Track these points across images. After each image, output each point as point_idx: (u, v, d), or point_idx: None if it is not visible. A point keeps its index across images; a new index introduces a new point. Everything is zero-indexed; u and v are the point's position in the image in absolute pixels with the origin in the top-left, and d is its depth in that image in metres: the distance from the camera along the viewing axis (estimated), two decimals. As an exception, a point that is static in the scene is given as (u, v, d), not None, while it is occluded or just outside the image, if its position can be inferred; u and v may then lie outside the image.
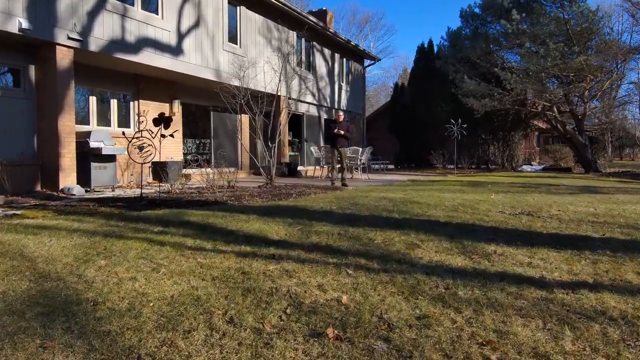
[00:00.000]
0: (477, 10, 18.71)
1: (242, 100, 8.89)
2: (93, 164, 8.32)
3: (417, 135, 21.17)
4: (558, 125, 18.41)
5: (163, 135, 5.92)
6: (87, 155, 8.28)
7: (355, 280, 2.65)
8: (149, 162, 6.47)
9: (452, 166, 20.94)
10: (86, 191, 8.11)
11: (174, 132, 6.22)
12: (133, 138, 6.52)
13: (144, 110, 7.40)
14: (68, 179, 8.02)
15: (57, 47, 7.77)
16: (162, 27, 9.84)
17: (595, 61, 15.38)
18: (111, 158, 8.71)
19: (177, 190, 8.18)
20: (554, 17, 16.68)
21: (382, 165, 19.10)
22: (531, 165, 23.20)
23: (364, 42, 45.14)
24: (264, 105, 9.27)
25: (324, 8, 20.12)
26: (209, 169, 11.06)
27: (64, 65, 7.90)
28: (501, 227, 4.49)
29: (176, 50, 10.29)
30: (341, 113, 10.49)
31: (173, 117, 11.02)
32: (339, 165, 10.54)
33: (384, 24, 75.58)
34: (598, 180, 13.19)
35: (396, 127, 22.25)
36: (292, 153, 16.31)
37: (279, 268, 2.87)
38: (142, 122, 6.50)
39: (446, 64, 18.66)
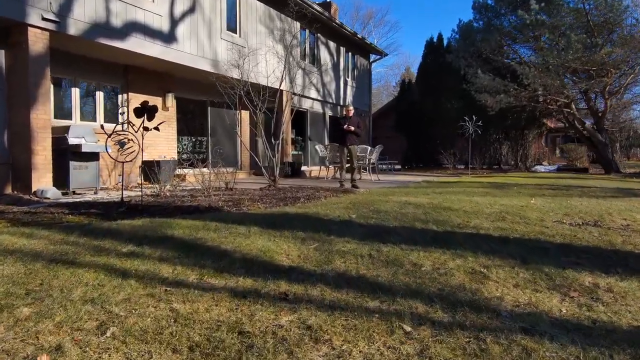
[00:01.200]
0: (490, 1, 17.69)
1: (242, 92, 7.88)
2: (72, 163, 7.29)
3: (425, 133, 20.14)
4: (576, 122, 17.39)
5: (146, 129, 4.90)
6: (65, 153, 7.26)
7: (424, 349, 1.63)
8: (131, 161, 5.46)
9: (462, 166, 19.90)
10: (63, 194, 7.10)
11: (160, 124, 5.19)
12: (112, 132, 5.50)
13: (127, 100, 6.37)
14: (42, 180, 7.00)
15: (29, 28, 6.74)
16: (152, 11, 8.82)
17: (619, 54, 14.36)
18: (94, 156, 7.68)
19: (167, 193, 7.18)
20: (573, 9, 15.68)
21: (389, 165, 18.09)
22: (542, 165, 22.17)
23: (368, 39, 44.08)
24: (266, 99, 8.28)
25: (328, 0, 19.11)
26: (204, 169, 10.06)
27: (38, 49, 6.88)
28: (575, 244, 3.47)
29: (168, 37, 9.28)
30: (351, 107, 9.47)
31: (159, 109, 10.03)
32: (347, 165, 9.53)
33: (388, 21, 74.01)
34: (624, 182, 12.19)
35: (403, 126, 21.21)
36: (295, 152, 15.27)
37: (296, 321, 1.86)
38: (124, 113, 5.49)
39: (457, 59, 17.63)
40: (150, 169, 9.24)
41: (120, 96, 9.58)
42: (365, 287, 2.32)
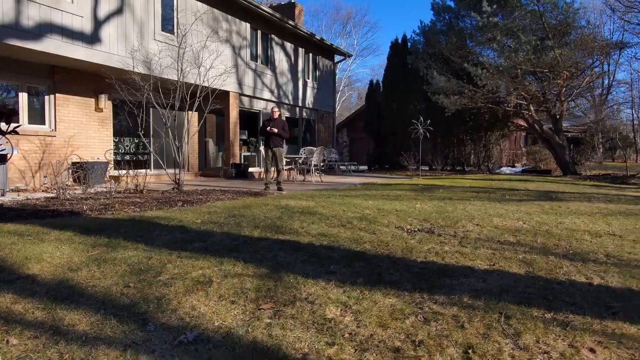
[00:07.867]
0: (450, 2, 17.70)
1: (178, 94, 7.88)
2: (-27, 166, 7.29)
3: (389, 135, 20.14)
4: (535, 125, 17.40)
5: (1, 132, 4.88)
6: (-34, 155, 7.25)
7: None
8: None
9: (426, 168, 19.89)
10: (-40, 197, 7.09)
11: (17, 127, 5.16)
12: (-15, 135, 5.47)
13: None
14: (-60, 183, 6.99)
15: None
16: (72, 12, 8.77)
17: (570, 56, 14.35)
18: (1, 158, 7.67)
19: (68, 196, 7.16)
20: (529, 10, 15.68)
21: (348, 166, 18.09)
22: (513, 167, 22.17)
23: (347, 39, 44.08)
24: (195, 101, 8.31)
25: (293, 1, 19.10)
26: (141, 171, 10.10)
27: None
28: (369, 252, 3.46)
29: (93, 39, 9.24)
30: (276, 109, 9.45)
31: (92, 110, 9.94)
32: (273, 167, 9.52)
33: (368, 21, 74.22)
34: (568, 185, 12.16)
35: (370, 127, 21.22)
36: (247, 153, 15.28)
37: None
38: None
39: (417, 60, 17.63)
40: (75, 171, 9.29)
41: (47, 97, 9.58)
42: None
